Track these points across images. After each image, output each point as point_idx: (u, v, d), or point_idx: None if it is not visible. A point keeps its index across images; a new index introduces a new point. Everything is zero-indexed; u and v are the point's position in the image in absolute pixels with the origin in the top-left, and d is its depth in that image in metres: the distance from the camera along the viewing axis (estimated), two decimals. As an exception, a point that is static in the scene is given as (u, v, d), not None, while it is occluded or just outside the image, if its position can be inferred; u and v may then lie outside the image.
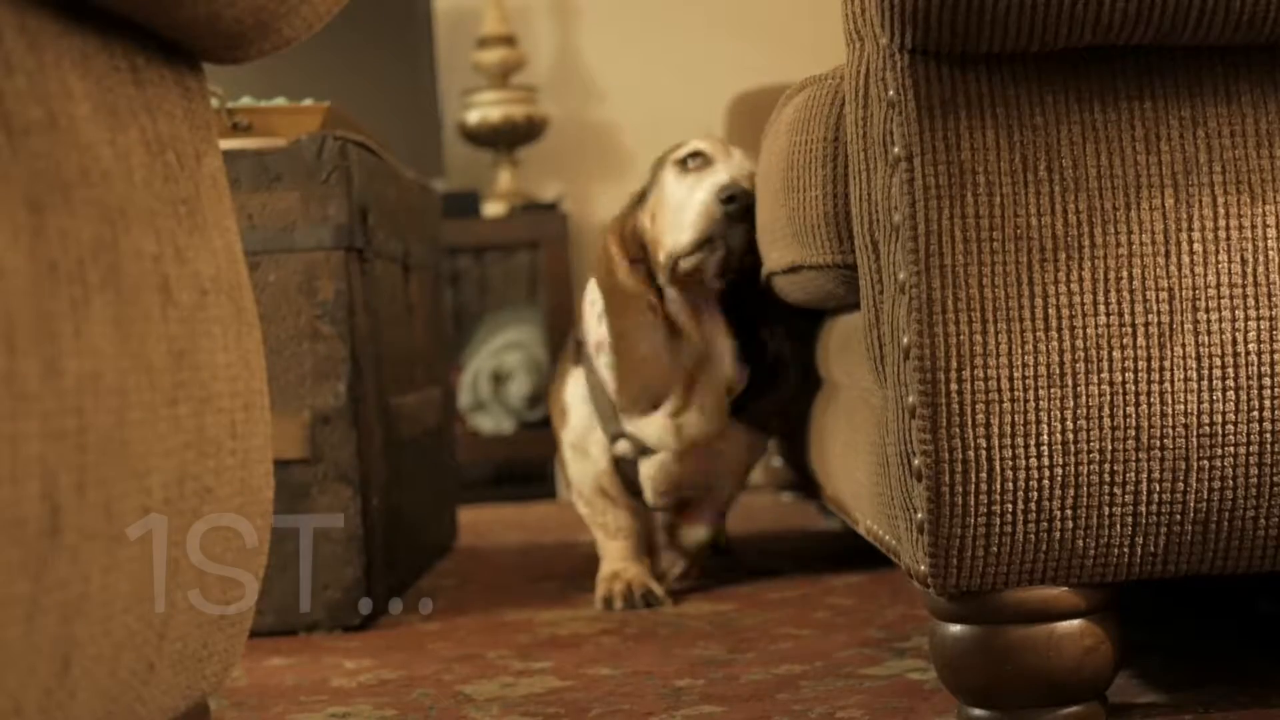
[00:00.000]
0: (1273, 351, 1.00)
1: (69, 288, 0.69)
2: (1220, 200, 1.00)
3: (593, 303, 1.83)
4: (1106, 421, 1.00)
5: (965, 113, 1.01)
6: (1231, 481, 1.01)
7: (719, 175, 1.69)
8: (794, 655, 1.44)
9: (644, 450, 1.80)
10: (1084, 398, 1.00)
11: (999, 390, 1.00)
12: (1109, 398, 1.00)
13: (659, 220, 1.75)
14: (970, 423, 1.00)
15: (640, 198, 1.81)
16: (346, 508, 1.75)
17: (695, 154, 1.75)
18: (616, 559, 1.84)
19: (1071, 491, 1.01)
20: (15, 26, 0.69)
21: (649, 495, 1.83)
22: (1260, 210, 1.00)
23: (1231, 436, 1.00)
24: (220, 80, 1.60)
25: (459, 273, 3.41)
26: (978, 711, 1.08)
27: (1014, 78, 1.01)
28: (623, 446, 1.80)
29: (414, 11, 3.41)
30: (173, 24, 0.84)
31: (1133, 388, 1.00)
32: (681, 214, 1.70)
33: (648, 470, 1.80)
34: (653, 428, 1.75)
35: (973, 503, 1.01)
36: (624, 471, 1.83)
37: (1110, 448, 1.01)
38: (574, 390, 1.86)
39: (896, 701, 1.22)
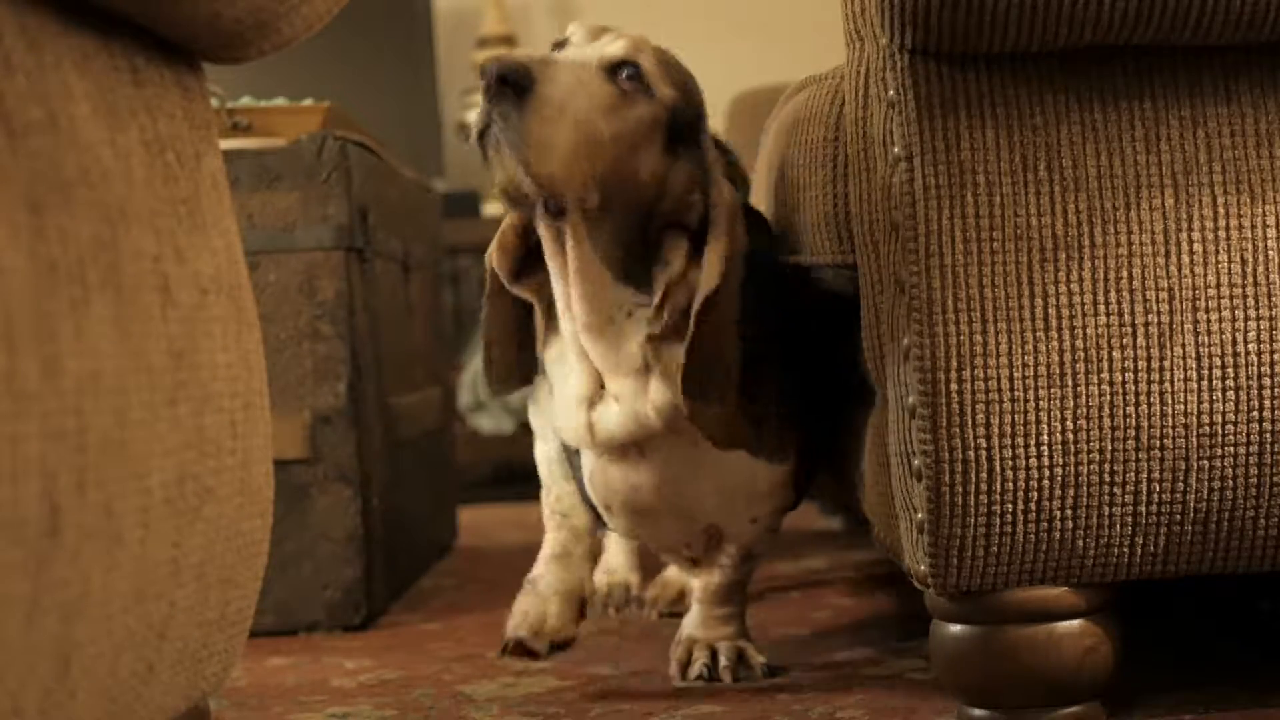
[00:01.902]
0: (1273, 351, 1.00)
1: (69, 288, 0.69)
2: (1220, 200, 1.01)
3: None
4: (1106, 421, 1.00)
5: (965, 113, 1.01)
6: (1231, 481, 1.01)
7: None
8: (794, 655, 1.44)
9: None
10: (1084, 398, 1.00)
11: (999, 390, 1.00)
12: (1109, 398, 1.00)
13: None
14: (970, 423, 1.00)
15: None
16: (346, 508, 1.75)
17: (559, 45, 1.29)
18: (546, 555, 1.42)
19: (1071, 491, 1.01)
20: (15, 26, 0.69)
21: (600, 509, 1.36)
22: (1260, 210, 1.00)
23: (1231, 436, 1.00)
24: (220, 80, 1.60)
25: (459, 273, 3.41)
26: (978, 711, 1.08)
27: (1014, 78, 1.01)
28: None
29: (414, 11, 3.41)
30: (173, 24, 0.84)
31: (1133, 388, 1.00)
32: None
33: (586, 473, 1.34)
34: (569, 424, 1.30)
35: (973, 503, 1.01)
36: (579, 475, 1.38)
37: (1110, 448, 1.01)
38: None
39: (896, 701, 1.22)
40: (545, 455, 1.44)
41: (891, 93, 1.03)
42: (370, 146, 1.91)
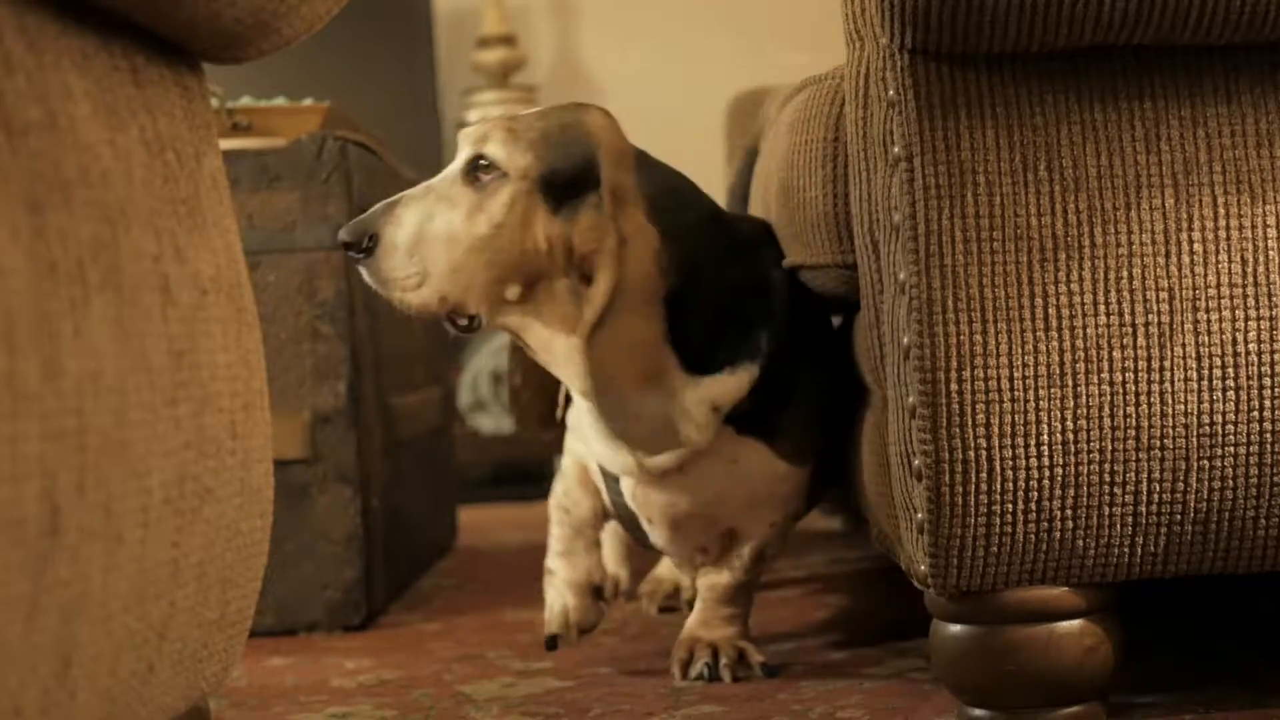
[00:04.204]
0: (1273, 351, 1.00)
1: (69, 288, 0.69)
2: (1220, 200, 1.01)
3: None
4: (1106, 421, 1.00)
5: (965, 113, 1.01)
6: (1231, 481, 1.01)
7: None
8: (794, 655, 1.44)
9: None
10: (1084, 398, 1.00)
11: (999, 390, 1.00)
12: (1109, 398, 1.00)
13: None
14: (970, 423, 1.00)
15: None
16: (346, 508, 1.75)
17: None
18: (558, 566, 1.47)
19: (1071, 491, 1.01)
20: (15, 26, 0.69)
21: (643, 521, 1.41)
22: (1260, 210, 1.00)
23: (1231, 436, 1.00)
24: (220, 80, 1.60)
25: (459, 273, 3.40)
26: (978, 711, 1.08)
27: (1014, 78, 1.01)
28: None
29: (414, 11, 3.41)
30: (173, 24, 0.84)
31: (1133, 388, 1.00)
32: None
33: (628, 494, 1.39)
34: (613, 458, 1.36)
35: (973, 503, 1.01)
36: (614, 495, 1.43)
37: (1110, 448, 1.01)
38: None
39: (896, 701, 1.22)
40: (568, 467, 1.48)
41: (891, 93, 1.03)
42: (370, 146, 1.91)
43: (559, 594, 1.44)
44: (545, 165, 1.26)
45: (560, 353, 1.28)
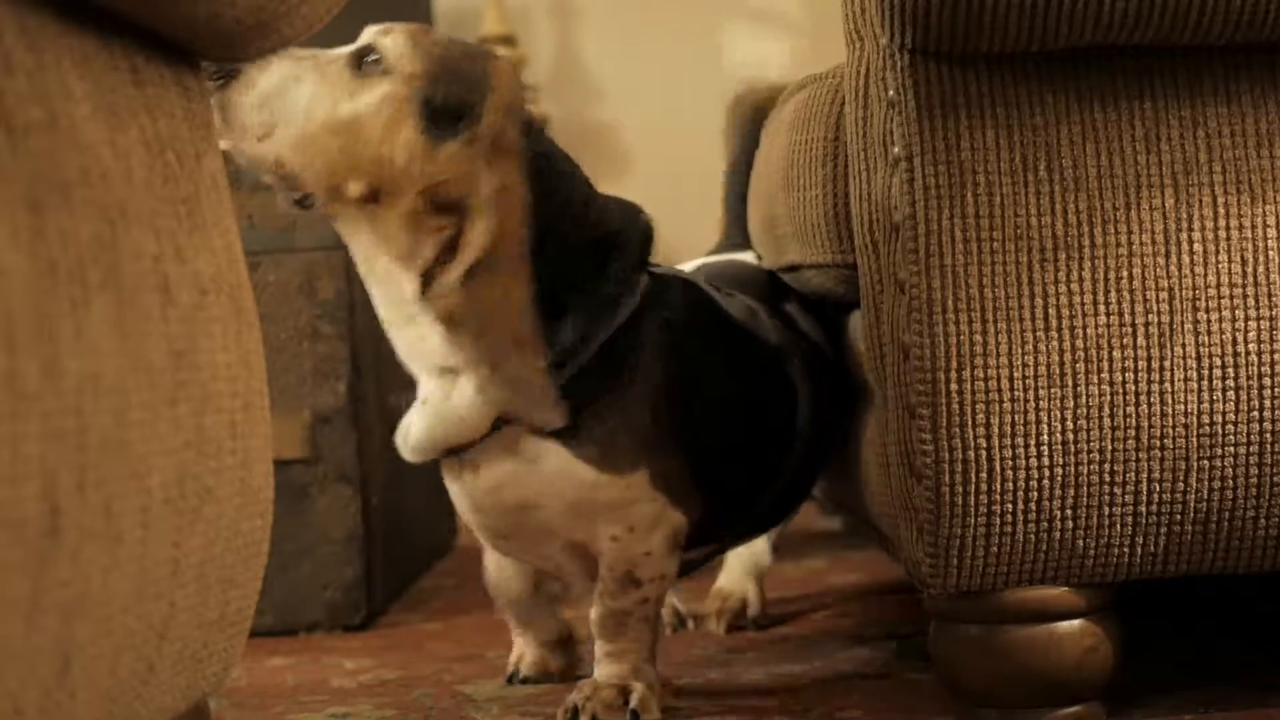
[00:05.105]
0: (1273, 351, 1.00)
1: (69, 288, 0.69)
2: (1220, 200, 1.01)
3: None
4: (1106, 421, 1.00)
5: (965, 113, 1.01)
6: (1231, 481, 1.01)
7: None
8: (794, 655, 1.44)
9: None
10: (1084, 398, 1.00)
11: (999, 390, 1.00)
12: (1109, 398, 1.00)
13: None
14: (970, 423, 1.00)
15: None
16: (346, 508, 1.75)
17: None
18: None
19: (1071, 491, 1.01)
20: (15, 26, 0.69)
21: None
22: (1260, 210, 1.01)
23: (1231, 436, 1.00)
24: (220, 80, 1.59)
25: (459, 273, 3.40)
26: (978, 711, 1.08)
27: (1014, 78, 1.01)
28: None
29: (414, 11, 3.41)
30: (173, 24, 0.84)
31: (1133, 388, 1.00)
32: None
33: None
34: (418, 442, 1.30)
35: (973, 503, 1.01)
36: None
37: (1110, 448, 1.01)
38: None
39: (896, 701, 1.22)
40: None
41: (891, 93, 1.03)
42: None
43: (537, 648, 1.40)
44: (432, 82, 1.18)
45: (379, 272, 1.21)
